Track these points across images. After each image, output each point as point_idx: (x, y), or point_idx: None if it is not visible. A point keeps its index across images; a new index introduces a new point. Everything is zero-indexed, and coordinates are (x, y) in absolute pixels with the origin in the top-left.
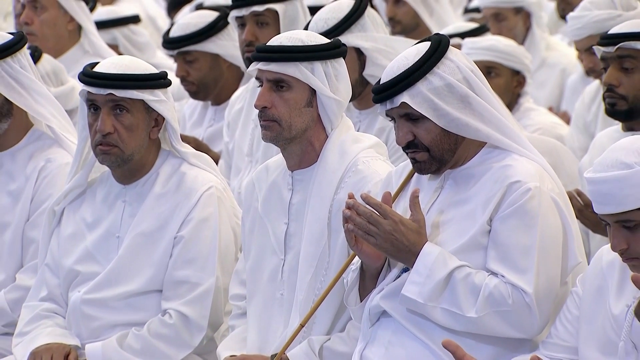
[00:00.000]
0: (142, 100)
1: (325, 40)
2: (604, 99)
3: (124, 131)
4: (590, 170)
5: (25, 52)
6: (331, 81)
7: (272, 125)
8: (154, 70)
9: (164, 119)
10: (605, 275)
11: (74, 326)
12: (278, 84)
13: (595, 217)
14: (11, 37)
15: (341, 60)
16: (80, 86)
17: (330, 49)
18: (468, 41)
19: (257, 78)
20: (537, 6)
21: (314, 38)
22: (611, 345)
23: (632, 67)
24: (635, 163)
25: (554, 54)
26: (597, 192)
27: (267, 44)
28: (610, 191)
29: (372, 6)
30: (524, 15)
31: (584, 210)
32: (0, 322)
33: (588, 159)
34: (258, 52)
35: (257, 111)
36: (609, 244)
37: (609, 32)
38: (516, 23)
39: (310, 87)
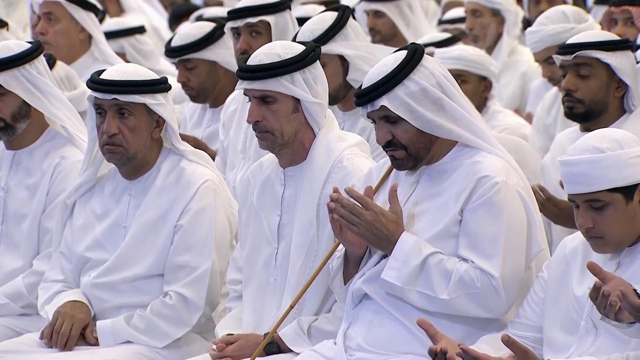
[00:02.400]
0: (144, 103)
1: (300, 48)
2: (563, 103)
3: (128, 132)
4: (564, 155)
5: (42, 59)
6: (311, 86)
7: (266, 136)
8: (155, 76)
9: (164, 120)
10: (569, 262)
11: None
12: (264, 99)
13: (556, 210)
14: (29, 45)
15: (316, 63)
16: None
17: (305, 57)
18: (438, 51)
19: (245, 94)
20: (513, 15)
21: (290, 49)
22: (573, 324)
23: (588, 74)
24: (607, 148)
25: (518, 58)
26: (569, 174)
27: (247, 64)
28: (582, 172)
29: (354, 17)
30: (499, 20)
31: (545, 203)
32: (19, 303)
33: (550, 157)
34: (241, 71)
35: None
36: (571, 235)
37: (567, 42)
38: (490, 23)
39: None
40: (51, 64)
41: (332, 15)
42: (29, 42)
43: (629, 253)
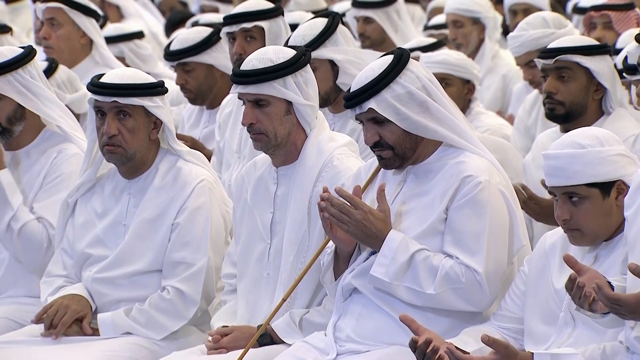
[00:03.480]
0: (143, 106)
1: (292, 53)
2: (544, 104)
3: (127, 133)
4: (548, 149)
5: (35, 64)
6: (302, 89)
7: (260, 137)
8: (153, 80)
9: (162, 122)
10: (548, 256)
11: None
12: (258, 102)
13: (537, 207)
14: (22, 50)
15: (307, 67)
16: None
17: (296, 62)
18: (423, 56)
19: (239, 98)
20: (492, 21)
21: (282, 54)
22: (552, 316)
23: (568, 77)
24: (588, 145)
25: (498, 61)
26: (551, 166)
27: (241, 69)
28: (562, 166)
29: (343, 23)
30: (480, 27)
31: (527, 201)
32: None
33: (531, 157)
34: (235, 76)
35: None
36: (551, 231)
37: (548, 47)
38: (471, 31)
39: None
40: (53, 67)
41: (322, 22)
42: (22, 47)
43: (606, 247)
